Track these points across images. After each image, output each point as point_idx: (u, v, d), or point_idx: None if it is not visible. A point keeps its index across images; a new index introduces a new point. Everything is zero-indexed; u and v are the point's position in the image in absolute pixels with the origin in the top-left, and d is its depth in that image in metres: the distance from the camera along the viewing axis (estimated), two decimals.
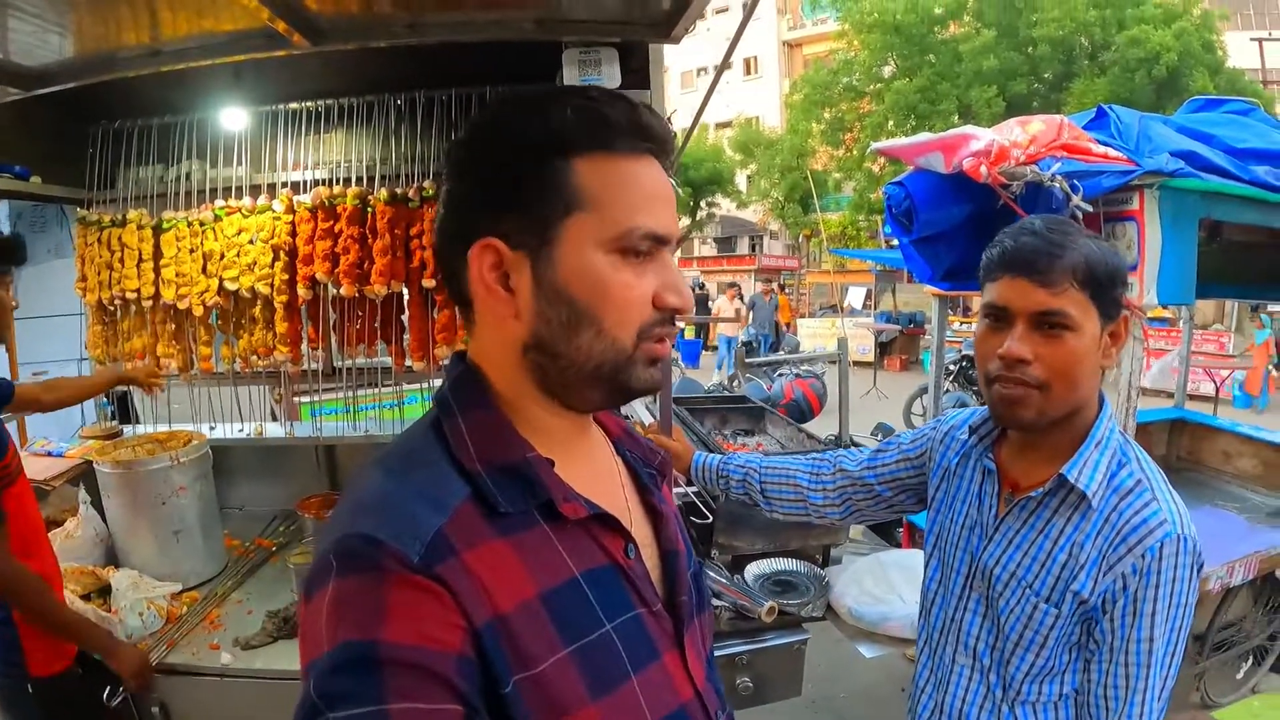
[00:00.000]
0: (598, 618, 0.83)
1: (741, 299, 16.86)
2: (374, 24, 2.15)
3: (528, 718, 0.75)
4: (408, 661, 0.69)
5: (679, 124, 2.25)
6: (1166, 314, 10.73)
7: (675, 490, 2.41)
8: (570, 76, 2.19)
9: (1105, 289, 1.28)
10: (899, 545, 3.23)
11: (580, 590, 0.83)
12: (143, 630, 2.28)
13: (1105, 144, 2.45)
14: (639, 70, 2.26)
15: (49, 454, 3.03)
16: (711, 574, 2.47)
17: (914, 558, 2.55)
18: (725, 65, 2.27)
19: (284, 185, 3.03)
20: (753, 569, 2.60)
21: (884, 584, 2.42)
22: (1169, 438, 4.37)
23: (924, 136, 2.65)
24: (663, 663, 0.89)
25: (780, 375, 9.37)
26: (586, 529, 0.86)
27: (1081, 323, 1.27)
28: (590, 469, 0.95)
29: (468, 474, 0.82)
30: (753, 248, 32.68)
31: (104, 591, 2.35)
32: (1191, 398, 5.07)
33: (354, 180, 2.96)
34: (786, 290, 23.35)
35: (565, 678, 0.78)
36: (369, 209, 2.81)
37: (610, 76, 2.19)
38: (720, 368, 14.50)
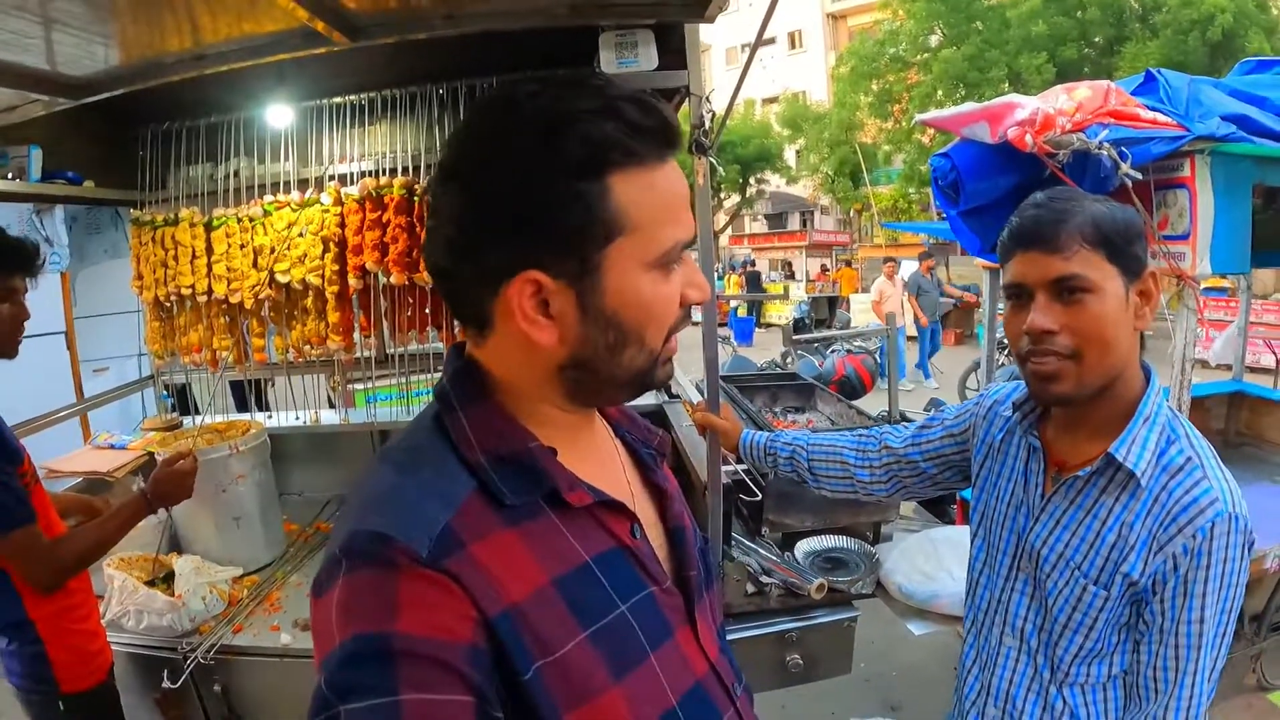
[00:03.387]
0: (611, 600, 0.84)
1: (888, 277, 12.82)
2: (411, 18, 2.17)
3: (551, 703, 0.76)
4: (420, 653, 0.69)
5: (723, 100, 2.24)
6: (1226, 283, 10.41)
7: (725, 468, 2.42)
8: (607, 60, 2.19)
9: (1120, 246, 1.24)
10: (952, 522, 3.20)
11: (592, 574, 0.84)
12: (205, 613, 2.37)
13: (1154, 109, 2.38)
14: (678, 51, 2.24)
15: (112, 446, 3.13)
16: (761, 551, 2.48)
17: (965, 534, 2.53)
18: (759, 43, 2.25)
19: (331, 178, 3.09)
20: (803, 546, 2.60)
21: (934, 561, 2.41)
22: (1228, 412, 4.24)
23: (969, 106, 2.61)
24: (676, 639, 0.90)
25: (833, 351, 9.28)
26: (592, 514, 0.87)
27: (1100, 283, 1.23)
28: (592, 454, 0.95)
29: (471, 467, 0.82)
30: (804, 223, 32.46)
31: (168, 577, 2.44)
32: (1251, 370, 4.91)
33: (400, 170, 3.01)
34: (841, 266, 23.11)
35: (586, 660, 0.79)
36: (416, 198, 2.85)
37: (647, 58, 2.18)
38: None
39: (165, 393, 3.55)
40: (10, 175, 2.68)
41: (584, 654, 0.79)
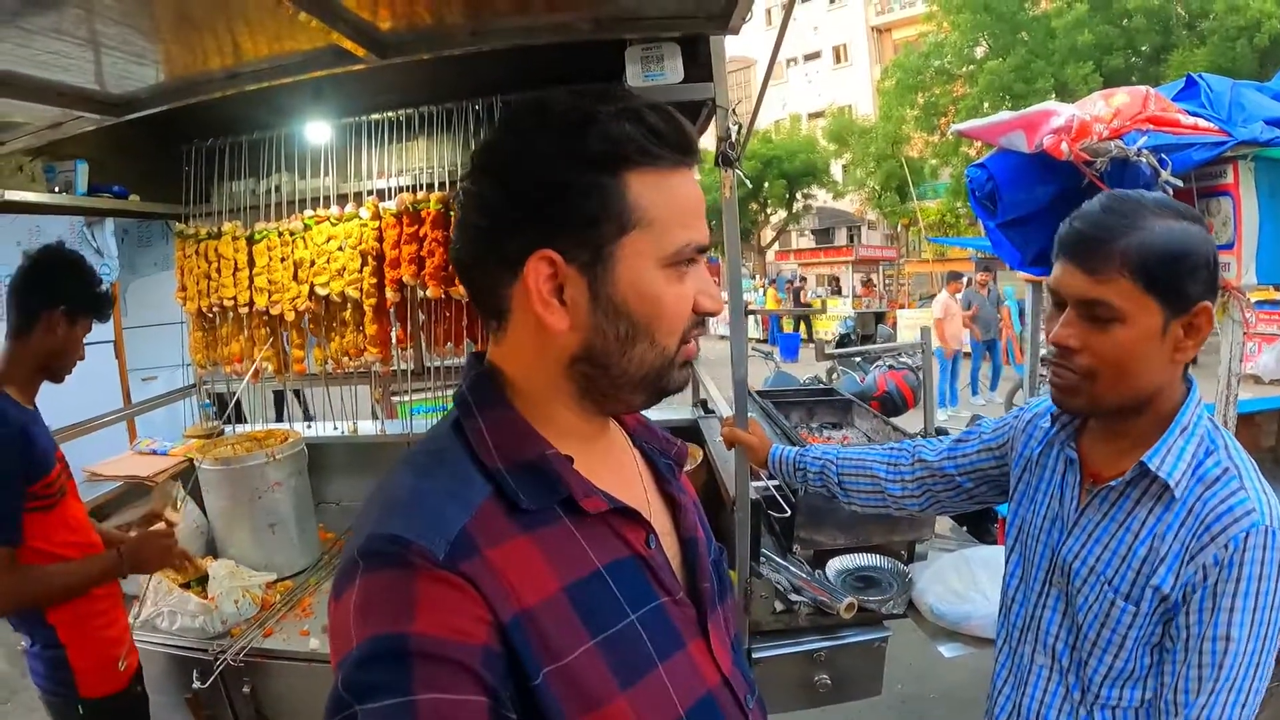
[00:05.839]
0: (622, 609, 0.84)
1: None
2: (437, 35, 2.19)
3: (560, 709, 0.77)
4: (435, 653, 0.70)
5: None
6: (1278, 295, 10.05)
7: (756, 484, 2.39)
8: (633, 73, 2.20)
9: (1163, 278, 1.16)
10: (993, 542, 3.11)
11: (604, 582, 0.84)
12: (237, 616, 2.42)
13: (1195, 114, 2.31)
14: (705, 64, 2.23)
15: (154, 452, 3.21)
16: (792, 569, 2.45)
17: (1001, 555, 2.46)
18: (774, 60, 2.23)
19: (370, 193, 3.15)
20: (835, 564, 2.56)
21: (968, 581, 2.35)
22: (1279, 429, 4.08)
23: (1005, 115, 2.56)
24: (688, 650, 0.90)
25: (876, 367, 9.17)
26: (607, 522, 0.88)
27: (1133, 314, 1.17)
28: (608, 462, 0.97)
29: (489, 472, 0.83)
30: (851, 238, 32.32)
31: (203, 580, 2.49)
32: None
33: (437, 185, 3.06)
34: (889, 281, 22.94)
35: (593, 669, 0.79)
36: (451, 213, 2.88)
37: (673, 71, 2.19)
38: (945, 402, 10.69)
39: (207, 401, 3.62)
40: (58, 189, 2.77)
41: (591, 661, 0.79)
